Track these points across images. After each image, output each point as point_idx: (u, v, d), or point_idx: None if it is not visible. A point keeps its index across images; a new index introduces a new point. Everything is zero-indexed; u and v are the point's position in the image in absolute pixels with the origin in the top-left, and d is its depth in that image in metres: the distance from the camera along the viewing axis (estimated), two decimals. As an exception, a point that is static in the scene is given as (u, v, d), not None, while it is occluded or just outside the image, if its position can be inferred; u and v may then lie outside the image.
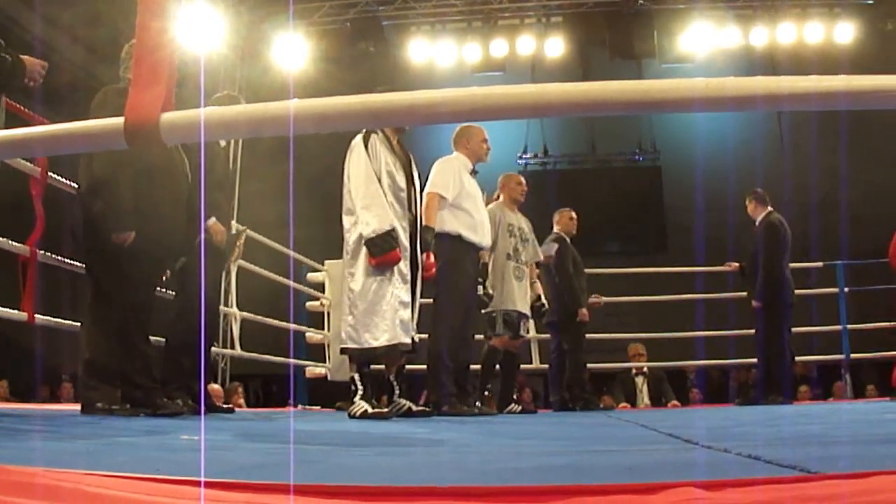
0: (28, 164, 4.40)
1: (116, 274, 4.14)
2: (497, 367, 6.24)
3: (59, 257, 4.68)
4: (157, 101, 1.60)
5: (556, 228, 7.21)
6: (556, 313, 6.94)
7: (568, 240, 7.13)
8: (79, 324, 4.48)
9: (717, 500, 1.14)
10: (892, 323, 7.54)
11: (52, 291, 5.44)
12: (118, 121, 1.61)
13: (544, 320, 6.94)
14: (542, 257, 6.57)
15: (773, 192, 7.63)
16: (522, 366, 7.17)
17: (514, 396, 6.51)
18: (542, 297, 6.52)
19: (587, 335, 7.26)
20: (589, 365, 7.27)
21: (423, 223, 4.94)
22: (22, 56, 3.68)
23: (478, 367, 6.03)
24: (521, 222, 6.29)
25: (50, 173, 4.52)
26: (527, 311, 6.14)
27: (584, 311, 6.95)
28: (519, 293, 6.02)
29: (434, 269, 4.96)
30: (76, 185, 4.36)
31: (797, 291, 7.41)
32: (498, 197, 6.29)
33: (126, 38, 4.12)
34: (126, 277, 4.15)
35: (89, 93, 4.26)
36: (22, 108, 4.17)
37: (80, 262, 4.46)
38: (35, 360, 9.30)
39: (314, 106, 1.62)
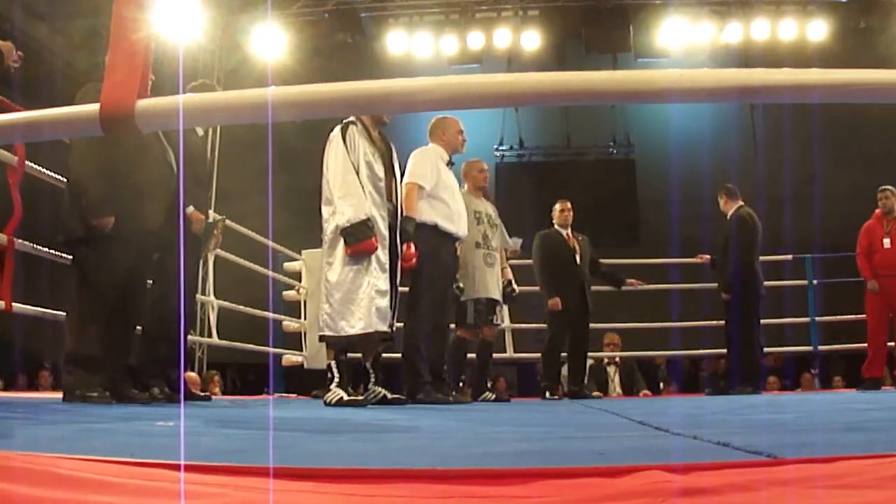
0: (5, 152, 4.36)
1: (102, 262, 4.15)
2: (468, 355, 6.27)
3: (37, 246, 4.66)
4: (132, 89, 1.58)
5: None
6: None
7: (561, 233, 7.22)
8: (57, 312, 4.47)
9: (687, 484, 1.14)
10: (860, 316, 7.64)
11: (30, 280, 5.40)
12: (93, 108, 1.59)
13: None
14: (509, 242, 6.59)
15: (745, 185, 7.70)
16: (496, 355, 7.20)
17: (489, 385, 6.53)
18: (513, 282, 6.56)
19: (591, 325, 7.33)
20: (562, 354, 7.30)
21: (404, 213, 4.95)
22: None
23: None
24: (488, 208, 6.30)
25: (28, 162, 4.49)
26: (499, 297, 6.16)
27: (556, 300, 6.94)
28: (491, 280, 6.04)
29: (414, 260, 4.97)
30: (65, 179, 4.35)
31: (768, 284, 7.50)
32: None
33: (104, 27, 4.11)
34: (111, 266, 4.15)
35: (67, 81, 4.26)
36: (-1, 96, 4.15)
37: (66, 251, 4.45)
38: (13, 348, 9.26)
39: (291, 93, 1.62)
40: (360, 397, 4.56)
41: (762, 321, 7.36)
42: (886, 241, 7.31)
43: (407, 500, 1.13)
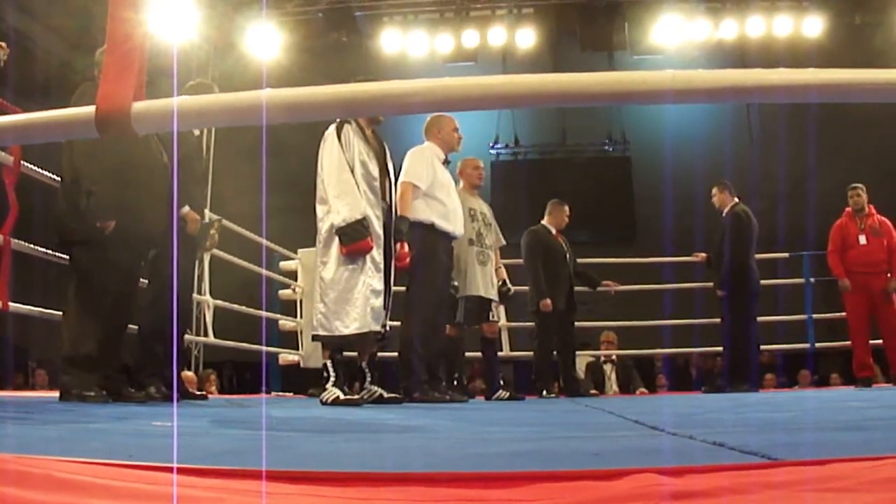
0: (0, 152, 4.36)
1: (100, 263, 4.15)
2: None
3: (32, 245, 4.65)
4: (128, 91, 1.58)
5: None
6: (531, 302, 7.01)
7: (551, 231, 7.22)
8: (51, 311, 4.46)
9: (681, 486, 1.14)
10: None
11: (24, 279, 5.40)
12: (89, 110, 1.59)
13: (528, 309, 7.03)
14: (504, 242, 6.59)
15: (741, 183, 7.70)
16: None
17: (501, 382, 6.54)
18: (508, 282, 6.56)
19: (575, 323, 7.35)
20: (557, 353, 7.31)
21: (398, 213, 4.95)
22: None
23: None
24: (483, 207, 6.31)
25: (23, 162, 4.48)
26: (494, 295, 6.15)
27: (547, 301, 6.91)
28: (483, 278, 6.02)
29: (408, 259, 4.97)
30: (59, 178, 4.35)
31: (764, 281, 7.50)
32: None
33: (99, 28, 4.11)
34: (110, 266, 4.16)
35: (63, 82, 4.26)
36: (-6, 97, 4.14)
37: (62, 252, 4.45)
38: (7, 347, 9.26)
39: (287, 95, 1.62)
40: (356, 396, 4.56)
41: (758, 318, 7.37)
42: (862, 238, 7.33)
43: (400, 503, 1.14)
